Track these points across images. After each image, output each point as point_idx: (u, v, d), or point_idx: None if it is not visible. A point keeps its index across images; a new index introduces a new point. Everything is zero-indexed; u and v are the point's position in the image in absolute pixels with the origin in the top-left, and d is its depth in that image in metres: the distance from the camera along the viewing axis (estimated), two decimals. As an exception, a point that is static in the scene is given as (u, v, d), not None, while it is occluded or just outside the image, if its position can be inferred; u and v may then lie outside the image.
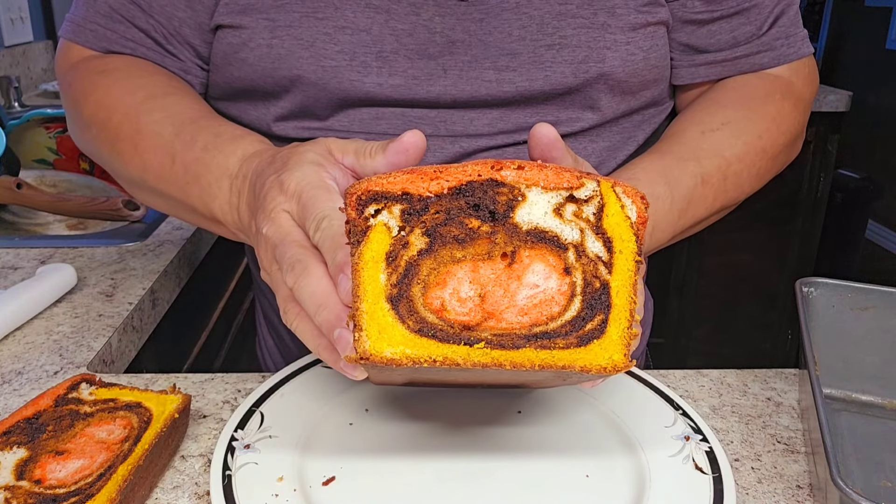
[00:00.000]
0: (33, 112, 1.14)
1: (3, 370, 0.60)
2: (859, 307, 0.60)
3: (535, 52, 0.59)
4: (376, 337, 0.36)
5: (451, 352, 0.36)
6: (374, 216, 0.37)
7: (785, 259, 2.30)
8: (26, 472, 0.44)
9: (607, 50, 0.59)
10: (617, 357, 0.36)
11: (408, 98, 0.58)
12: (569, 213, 0.37)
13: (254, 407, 0.52)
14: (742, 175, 0.60)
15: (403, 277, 0.37)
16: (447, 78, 0.59)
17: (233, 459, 0.47)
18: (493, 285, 0.37)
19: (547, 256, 0.37)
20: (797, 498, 0.47)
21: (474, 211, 0.37)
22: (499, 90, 0.59)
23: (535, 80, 0.59)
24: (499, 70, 0.59)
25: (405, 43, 0.58)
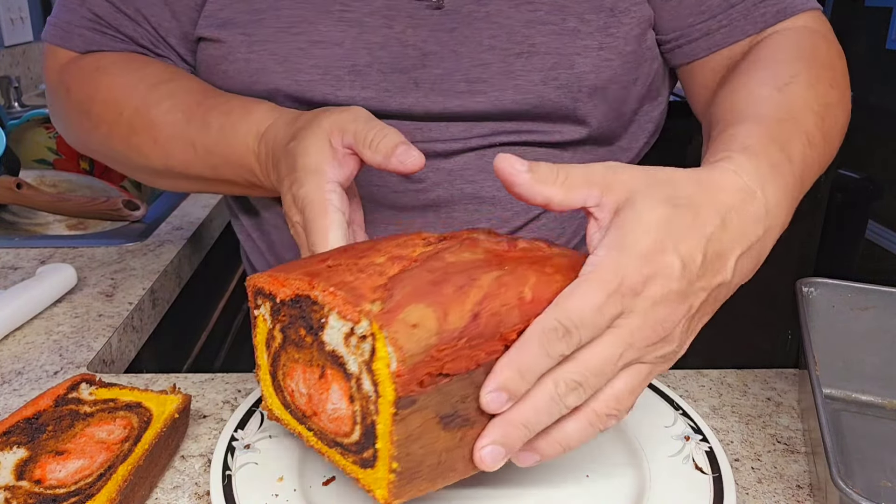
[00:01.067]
0: (33, 112, 1.14)
1: (3, 370, 0.60)
2: (859, 307, 0.60)
3: (506, 61, 0.58)
4: (269, 398, 0.45)
5: (301, 430, 0.43)
6: (258, 308, 0.43)
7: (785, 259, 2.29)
8: (26, 472, 0.44)
9: (577, 56, 0.58)
10: (381, 493, 0.38)
11: (380, 110, 0.58)
12: (352, 344, 0.37)
13: (254, 407, 0.52)
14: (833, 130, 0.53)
15: (273, 361, 0.43)
16: (419, 90, 0.59)
17: (233, 459, 0.47)
18: (314, 390, 0.40)
19: (341, 380, 0.38)
20: (797, 498, 0.47)
21: (303, 321, 0.40)
22: (471, 101, 0.59)
23: (505, 89, 0.58)
24: (470, 82, 0.58)
25: (378, 56, 0.58)
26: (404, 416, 0.36)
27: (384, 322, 0.35)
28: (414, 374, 0.35)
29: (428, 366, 0.35)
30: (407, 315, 0.35)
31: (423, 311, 0.35)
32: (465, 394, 0.37)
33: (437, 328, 0.35)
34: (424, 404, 0.36)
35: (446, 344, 0.35)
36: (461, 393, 0.37)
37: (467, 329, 0.36)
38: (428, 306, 0.36)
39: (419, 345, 0.35)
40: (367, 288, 0.37)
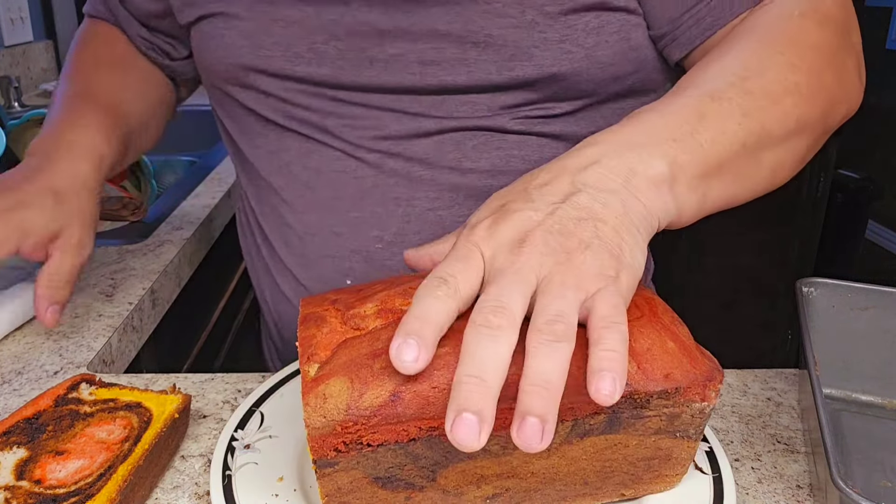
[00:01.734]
0: (33, 112, 1.14)
1: (3, 370, 0.60)
2: (859, 307, 0.60)
3: (461, 48, 0.59)
4: None
5: None
6: None
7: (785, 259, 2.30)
8: (26, 472, 0.44)
9: (535, 48, 0.58)
10: None
11: (337, 84, 0.62)
12: None
13: (254, 407, 0.52)
14: (774, 88, 0.49)
15: None
16: (373, 68, 0.61)
17: (233, 459, 0.47)
18: None
19: None
20: (797, 498, 0.47)
21: None
22: (421, 82, 0.60)
23: (458, 74, 0.59)
24: (423, 64, 0.60)
25: (335, 33, 0.61)
26: (327, 474, 0.38)
27: (306, 390, 0.37)
28: (324, 442, 0.37)
29: (339, 437, 0.37)
30: (327, 387, 0.37)
31: (342, 385, 0.37)
32: (400, 462, 0.39)
33: (347, 406, 0.36)
34: (348, 466, 0.38)
35: (354, 421, 0.36)
36: (395, 461, 0.38)
37: (382, 409, 0.36)
38: (350, 381, 0.37)
39: (324, 419, 0.37)
40: (324, 346, 0.39)
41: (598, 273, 0.38)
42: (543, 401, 0.33)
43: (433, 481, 0.40)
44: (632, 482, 0.43)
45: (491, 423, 0.33)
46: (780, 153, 0.50)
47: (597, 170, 0.41)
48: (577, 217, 0.39)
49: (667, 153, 0.43)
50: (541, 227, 0.39)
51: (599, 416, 0.39)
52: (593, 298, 0.37)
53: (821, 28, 0.53)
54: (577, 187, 0.41)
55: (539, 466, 0.41)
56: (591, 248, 0.38)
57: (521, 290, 0.37)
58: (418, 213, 0.63)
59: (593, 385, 0.34)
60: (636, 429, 0.41)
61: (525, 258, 0.38)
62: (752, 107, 0.47)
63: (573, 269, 0.37)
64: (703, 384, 0.40)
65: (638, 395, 0.39)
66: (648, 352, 0.40)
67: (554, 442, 0.40)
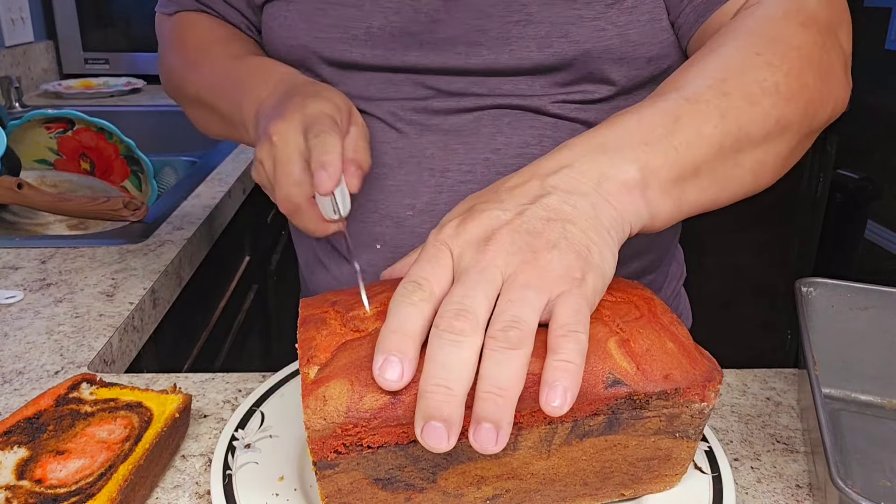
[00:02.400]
0: (34, 112, 1.14)
1: (4, 370, 0.61)
2: (859, 307, 0.60)
3: (503, 29, 0.60)
4: None
5: None
6: None
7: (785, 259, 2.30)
8: (27, 472, 0.44)
9: (571, 25, 0.59)
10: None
11: (386, 65, 0.64)
12: None
13: (254, 406, 0.52)
14: (752, 89, 0.48)
15: None
16: (421, 50, 0.63)
17: (233, 459, 0.47)
18: None
19: None
20: (796, 497, 0.47)
21: None
22: (465, 62, 0.62)
23: (501, 54, 0.61)
24: (469, 44, 0.61)
25: (392, 20, 0.63)
26: (327, 475, 0.39)
27: (306, 392, 0.37)
28: (324, 444, 0.37)
29: (339, 439, 0.37)
30: (327, 390, 0.37)
31: (342, 388, 0.37)
32: (400, 464, 0.39)
33: (347, 408, 0.37)
34: (348, 468, 0.38)
35: (354, 423, 0.37)
36: (395, 462, 0.39)
37: (382, 411, 0.37)
38: (350, 383, 0.37)
39: (324, 422, 0.37)
40: (324, 348, 0.39)
41: (562, 274, 0.37)
42: (497, 407, 0.34)
43: (433, 483, 0.40)
44: (631, 482, 0.44)
45: (459, 426, 0.34)
46: (761, 155, 0.49)
47: (568, 173, 0.42)
48: (545, 217, 0.39)
49: (639, 157, 0.43)
50: (508, 226, 0.39)
51: (599, 417, 0.39)
52: (556, 302, 0.37)
53: (804, 28, 0.53)
54: (547, 190, 0.41)
55: (539, 467, 0.41)
56: (557, 248, 0.38)
57: (485, 290, 0.37)
58: (450, 185, 0.64)
59: (544, 396, 0.34)
60: (636, 429, 0.41)
61: (491, 256, 0.38)
62: (730, 108, 0.47)
63: (538, 269, 0.37)
64: (703, 385, 0.40)
65: (637, 396, 0.39)
66: (648, 353, 0.40)
67: (554, 443, 0.40)
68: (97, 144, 1.19)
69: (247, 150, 1.37)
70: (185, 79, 0.72)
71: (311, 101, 0.56)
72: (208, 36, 0.73)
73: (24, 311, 0.71)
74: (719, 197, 0.48)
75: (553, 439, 0.40)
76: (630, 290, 0.44)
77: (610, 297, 0.43)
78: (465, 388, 0.35)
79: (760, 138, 0.48)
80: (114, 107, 1.75)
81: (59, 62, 2.02)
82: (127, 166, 1.20)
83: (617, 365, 0.39)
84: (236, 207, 1.19)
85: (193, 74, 0.71)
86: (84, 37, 1.97)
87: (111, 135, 1.16)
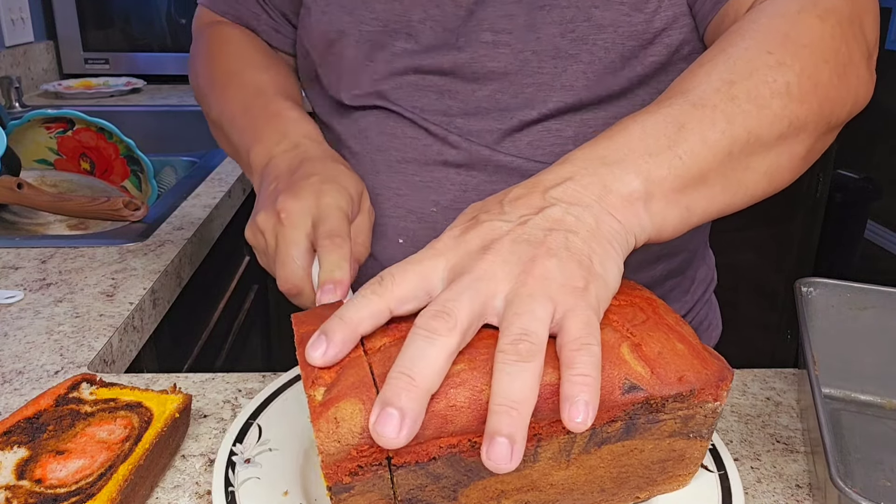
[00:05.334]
0: (34, 112, 1.14)
1: (4, 370, 0.61)
2: (858, 307, 0.60)
3: (530, 15, 0.60)
4: None
5: None
6: None
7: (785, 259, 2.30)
8: (27, 472, 0.44)
9: (595, 9, 0.59)
10: None
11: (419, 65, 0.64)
12: None
13: (251, 420, 0.50)
14: (761, 91, 0.46)
15: None
16: (455, 45, 0.63)
17: (234, 475, 0.45)
18: None
19: None
20: (796, 497, 0.47)
21: None
22: (493, 52, 0.61)
23: (528, 41, 0.60)
24: (496, 32, 0.61)
25: (432, 14, 0.63)
26: (343, 499, 0.37)
27: (315, 416, 0.36)
28: (338, 467, 0.36)
29: (354, 461, 0.36)
30: (337, 411, 0.35)
31: (353, 408, 0.35)
32: (421, 483, 0.38)
33: (362, 429, 0.35)
34: (364, 489, 0.37)
35: (370, 444, 0.35)
36: (415, 482, 0.38)
37: None
38: (361, 402, 0.36)
39: (338, 444, 0.35)
40: (326, 367, 0.38)
41: (564, 283, 0.37)
42: (512, 420, 0.33)
43: (454, 500, 0.39)
44: (646, 484, 0.43)
45: (415, 424, 0.33)
46: (774, 157, 0.48)
47: (571, 186, 0.41)
48: (547, 227, 0.39)
49: (641, 169, 0.42)
50: (508, 236, 0.39)
51: (616, 423, 0.39)
52: (564, 316, 0.36)
53: (821, 21, 0.50)
54: (550, 202, 0.40)
55: (558, 478, 0.40)
56: (557, 257, 0.38)
57: (471, 297, 0.36)
58: (475, 185, 0.64)
59: (566, 412, 0.34)
60: (652, 433, 0.40)
61: (487, 264, 0.37)
62: (737, 113, 0.45)
63: (539, 279, 0.37)
64: (716, 384, 0.40)
65: (654, 400, 0.39)
66: (660, 356, 0.39)
67: (573, 452, 0.39)
68: (97, 144, 1.19)
69: (247, 150, 1.37)
70: (208, 98, 0.72)
71: (328, 187, 0.55)
72: (239, 60, 0.73)
73: (24, 311, 0.71)
74: (733, 202, 0.47)
75: (572, 449, 0.39)
76: (630, 291, 0.44)
77: (613, 300, 0.42)
78: (428, 383, 0.34)
79: (773, 141, 0.47)
80: (114, 107, 1.75)
81: (59, 62, 2.02)
82: (127, 166, 1.20)
83: (632, 370, 0.38)
84: (236, 207, 1.19)
85: (215, 98, 0.71)
86: (84, 37, 1.97)
87: (111, 135, 1.16)
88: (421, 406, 0.34)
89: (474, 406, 0.36)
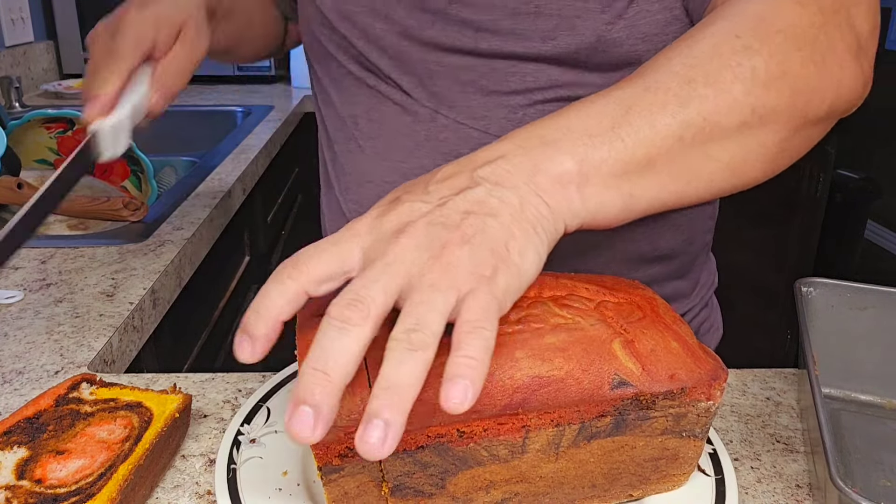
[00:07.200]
0: (34, 112, 1.14)
1: (4, 370, 0.61)
2: (858, 307, 0.60)
3: (514, 19, 0.59)
4: None
5: None
6: None
7: (784, 259, 2.30)
8: (27, 472, 0.44)
9: (577, 18, 0.58)
10: None
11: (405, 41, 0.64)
12: None
13: (261, 402, 0.52)
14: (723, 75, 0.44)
15: None
16: (433, 29, 0.62)
17: (238, 454, 0.47)
18: None
19: None
20: (796, 497, 0.47)
21: None
22: (474, 45, 0.61)
23: (513, 45, 0.60)
24: (478, 30, 0.61)
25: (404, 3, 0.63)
26: (333, 480, 0.38)
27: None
28: (328, 449, 0.37)
29: (343, 443, 0.37)
30: None
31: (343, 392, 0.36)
32: (409, 470, 0.38)
33: (349, 412, 0.36)
34: (353, 472, 0.38)
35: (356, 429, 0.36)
36: (403, 469, 0.38)
37: None
38: (350, 387, 0.36)
39: None
40: None
41: (471, 271, 0.36)
42: (391, 405, 0.32)
43: (442, 488, 0.40)
44: (639, 483, 0.43)
45: (329, 419, 0.33)
46: (737, 148, 0.45)
47: (501, 165, 0.40)
48: (465, 210, 0.38)
49: (578, 150, 0.40)
50: (424, 219, 0.37)
51: (606, 418, 0.39)
52: (464, 300, 0.35)
53: (801, 8, 0.47)
54: (476, 181, 0.39)
55: (548, 470, 0.41)
56: (470, 244, 0.36)
57: (385, 283, 0.35)
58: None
59: (443, 391, 0.33)
60: (643, 430, 0.41)
61: (399, 249, 0.36)
62: (693, 96, 0.43)
63: (446, 266, 0.36)
64: (709, 383, 0.40)
65: (643, 397, 0.39)
66: (652, 353, 0.39)
67: (562, 445, 0.40)
68: (97, 144, 1.19)
69: (246, 150, 1.37)
70: None
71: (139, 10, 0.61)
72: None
73: (24, 311, 0.71)
74: (688, 192, 0.45)
75: (561, 442, 0.39)
76: (631, 290, 0.44)
77: (612, 297, 0.43)
78: (342, 376, 0.33)
79: (734, 129, 0.44)
80: (114, 107, 1.75)
81: (59, 62, 2.02)
82: (127, 166, 1.20)
83: (622, 366, 0.39)
84: (236, 207, 1.19)
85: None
86: (84, 37, 1.97)
87: (111, 135, 1.16)
88: (335, 399, 0.33)
89: None
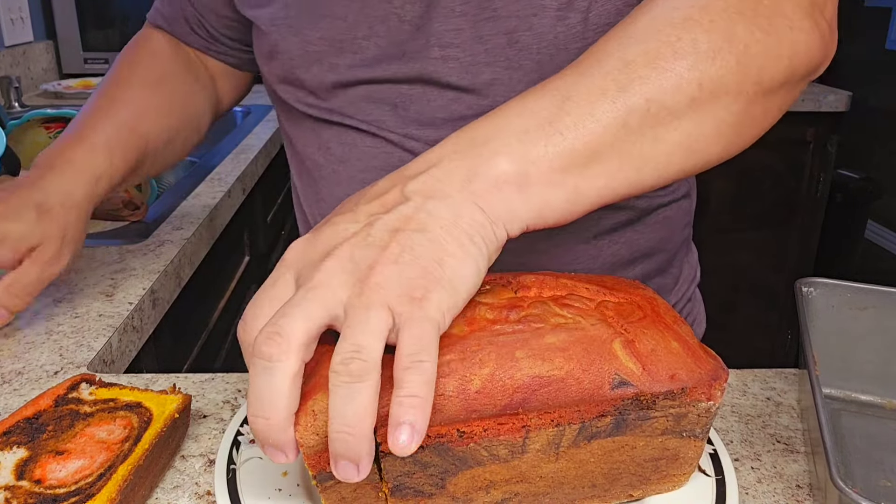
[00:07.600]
0: (33, 112, 1.14)
1: (3, 370, 0.61)
2: (858, 307, 0.60)
3: (475, 27, 0.59)
4: None
5: None
6: None
7: (785, 259, 2.30)
8: (26, 472, 0.44)
9: (534, 17, 0.57)
10: None
11: (372, 77, 0.63)
12: None
13: None
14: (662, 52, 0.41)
15: None
16: (401, 60, 0.61)
17: (238, 454, 0.47)
18: None
19: None
20: (797, 497, 0.47)
21: None
22: (443, 66, 0.60)
23: (477, 53, 0.59)
24: (443, 47, 0.60)
25: (377, 30, 0.61)
26: (329, 486, 0.38)
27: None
28: (320, 458, 0.37)
29: None
30: (315, 403, 0.36)
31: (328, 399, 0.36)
32: (408, 470, 0.38)
33: None
34: None
35: None
36: (403, 469, 0.38)
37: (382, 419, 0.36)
38: None
39: (317, 437, 0.36)
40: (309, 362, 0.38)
41: (401, 293, 0.35)
42: (350, 444, 0.33)
43: (442, 488, 0.40)
44: (639, 483, 0.43)
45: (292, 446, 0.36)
46: (692, 127, 0.42)
47: (433, 174, 0.39)
48: (393, 228, 0.37)
49: (513, 149, 0.39)
50: (350, 241, 0.37)
51: (606, 418, 0.39)
52: (400, 328, 0.34)
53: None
54: (406, 196, 0.38)
55: (548, 470, 0.41)
56: (397, 263, 0.35)
57: (307, 311, 0.35)
58: None
59: (389, 438, 0.33)
60: (643, 430, 0.41)
61: (322, 275, 0.35)
62: (633, 78, 0.41)
63: (374, 288, 0.35)
64: (709, 383, 0.40)
65: (644, 397, 0.39)
66: (653, 353, 0.39)
67: (562, 445, 0.40)
68: (97, 144, 1.19)
69: (246, 150, 1.37)
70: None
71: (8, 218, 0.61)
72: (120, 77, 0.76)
73: (24, 310, 0.71)
74: (641, 179, 0.42)
75: (561, 442, 0.39)
76: (632, 290, 0.44)
77: (613, 297, 0.42)
78: (282, 412, 0.35)
79: (684, 108, 0.41)
80: (113, 107, 1.75)
81: (59, 62, 2.02)
82: (127, 166, 1.20)
83: (622, 366, 0.39)
84: (236, 207, 1.19)
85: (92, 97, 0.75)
86: (84, 37, 1.97)
87: (111, 135, 1.16)
88: (285, 434, 0.35)
89: (462, 396, 0.36)
